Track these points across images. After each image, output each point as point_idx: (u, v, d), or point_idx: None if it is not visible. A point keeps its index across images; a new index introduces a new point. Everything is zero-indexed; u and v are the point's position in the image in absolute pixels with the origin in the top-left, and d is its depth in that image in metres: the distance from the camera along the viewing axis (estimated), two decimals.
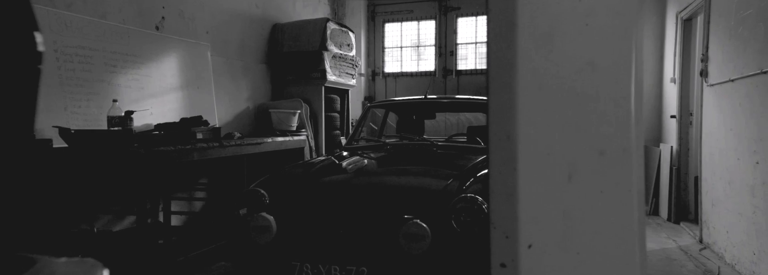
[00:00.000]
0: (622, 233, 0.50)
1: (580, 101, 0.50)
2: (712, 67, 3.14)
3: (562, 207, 0.50)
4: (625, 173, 0.51)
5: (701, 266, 2.89)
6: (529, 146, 0.49)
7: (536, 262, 0.49)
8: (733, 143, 2.68)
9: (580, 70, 0.50)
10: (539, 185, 0.50)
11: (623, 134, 0.51)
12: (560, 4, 0.49)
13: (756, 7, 2.35)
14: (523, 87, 0.49)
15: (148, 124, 3.15)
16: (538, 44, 0.49)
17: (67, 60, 2.58)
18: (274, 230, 1.80)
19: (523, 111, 0.49)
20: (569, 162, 0.50)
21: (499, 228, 0.50)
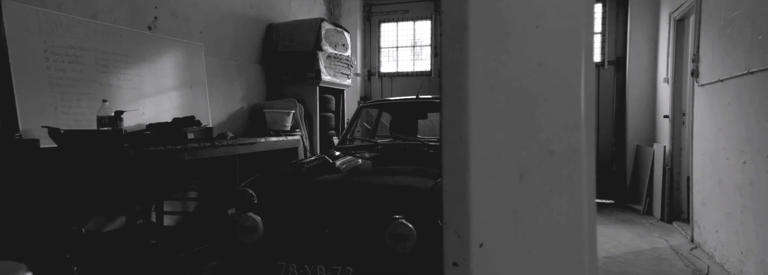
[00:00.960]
0: (572, 231, 0.51)
1: (531, 103, 0.51)
2: (702, 68, 3.15)
3: (513, 206, 0.50)
4: (575, 173, 0.51)
5: (691, 265, 2.90)
6: (481, 147, 0.50)
7: (487, 261, 0.50)
8: (723, 143, 2.69)
9: (531, 72, 0.51)
10: (490, 185, 0.50)
11: (573, 135, 0.51)
12: (511, 7, 0.50)
13: (744, 7, 2.36)
14: (474, 88, 0.50)
15: (141, 124, 3.16)
16: (490, 46, 0.50)
17: (57, 60, 2.58)
18: (260, 230, 1.80)
19: (475, 112, 0.50)
20: (520, 162, 0.50)
21: (451, 227, 0.51)
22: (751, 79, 2.24)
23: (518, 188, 0.51)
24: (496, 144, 0.50)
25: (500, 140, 0.50)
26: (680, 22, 4.17)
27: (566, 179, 0.51)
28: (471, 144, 0.50)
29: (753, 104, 2.23)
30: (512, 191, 0.51)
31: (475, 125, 0.50)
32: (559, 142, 0.51)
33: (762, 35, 2.11)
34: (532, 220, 0.51)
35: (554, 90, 0.51)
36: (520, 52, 0.50)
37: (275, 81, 4.83)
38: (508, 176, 0.51)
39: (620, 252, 3.25)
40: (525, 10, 0.50)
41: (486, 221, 0.50)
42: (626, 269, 2.87)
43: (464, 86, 0.50)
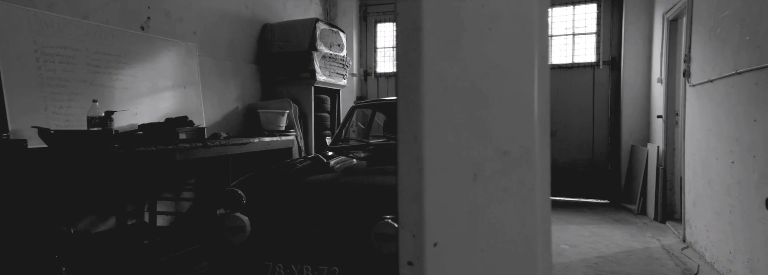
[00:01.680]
0: (525, 230, 0.52)
1: (485, 104, 0.51)
2: (694, 68, 3.16)
3: (467, 206, 0.51)
4: (528, 173, 0.52)
5: (681, 265, 2.91)
6: (435, 147, 0.51)
7: (441, 260, 0.51)
8: (713, 142, 2.70)
9: (484, 73, 0.51)
10: (445, 185, 0.51)
11: (526, 135, 0.52)
12: (464, 9, 0.50)
13: (732, 8, 2.37)
14: (428, 89, 0.50)
15: (134, 124, 3.16)
16: (444, 48, 0.51)
17: (47, 60, 2.58)
18: (248, 230, 1.81)
19: (429, 113, 0.50)
20: (474, 162, 0.51)
21: (406, 227, 0.51)
22: (739, 79, 2.25)
23: (472, 188, 0.51)
24: (450, 144, 0.51)
25: (454, 141, 0.51)
26: (673, 23, 4.19)
27: (520, 179, 0.52)
28: (425, 145, 0.50)
29: (741, 104, 2.24)
30: (466, 191, 0.51)
31: (429, 126, 0.51)
32: (512, 142, 0.52)
33: (749, 36, 2.12)
34: (485, 220, 0.52)
35: (508, 91, 0.52)
36: (474, 54, 0.51)
37: (270, 81, 4.83)
38: (462, 176, 0.51)
39: (612, 251, 3.26)
40: (478, 12, 0.51)
41: (440, 220, 0.51)
42: (617, 268, 2.87)
43: (418, 87, 0.50)
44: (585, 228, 3.96)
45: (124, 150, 2.33)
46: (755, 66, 2.04)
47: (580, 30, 5.61)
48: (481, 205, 0.51)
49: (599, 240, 3.58)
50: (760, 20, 2.00)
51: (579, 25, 5.62)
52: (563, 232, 3.82)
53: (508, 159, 0.52)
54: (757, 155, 2.04)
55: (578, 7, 5.58)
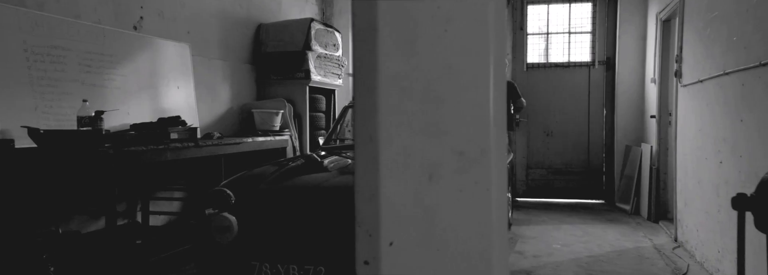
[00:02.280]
0: (480, 229, 0.52)
1: (440, 104, 0.52)
2: (685, 68, 3.17)
3: (423, 205, 0.52)
4: (483, 173, 0.52)
5: (672, 264, 2.92)
6: (391, 148, 0.51)
7: (397, 259, 0.51)
8: (702, 142, 2.71)
9: (440, 74, 0.52)
10: (401, 185, 0.51)
11: (482, 136, 0.52)
12: (420, 11, 0.51)
13: (720, 9, 2.38)
14: (384, 90, 0.51)
15: (126, 124, 3.16)
16: (399, 49, 0.51)
17: (37, 60, 2.58)
18: (235, 230, 1.81)
19: (385, 113, 0.51)
20: (430, 163, 0.52)
21: (362, 226, 0.52)
22: (727, 79, 2.26)
23: (428, 187, 0.52)
24: (406, 145, 0.51)
25: (410, 141, 0.51)
26: (666, 23, 4.20)
27: (475, 179, 0.52)
28: (381, 145, 0.51)
29: (728, 105, 2.25)
30: (422, 190, 0.52)
31: (384, 126, 0.51)
32: (468, 142, 0.52)
33: (736, 36, 2.13)
34: (441, 219, 0.52)
35: (463, 92, 0.52)
36: (429, 54, 0.51)
37: (265, 81, 4.84)
38: (417, 176, 0.52)
39: (603, 251, 3.27)
40: (433, 14, 0.51)
41: (396, 220, 0.51)
42: (607, 268, 2.88)
43: (374, 88, 0.51)
44: (578, 228, 3.97)
45: (114, 150, 2.33)
46: (742, 66, 2.05)
47: (576, 29, 5.60)
48: (437, 205, 0.52)
49: (592, 239, 3.59)
50: (746, 21, 2.01)
51: (575, 24, 5.61)
52: (556, 232, 3.83)
53: (464, 159, 0.52)
54: (743, 155, 2.05)
55: (574, 6, 5.56)
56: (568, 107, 5.50)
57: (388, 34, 0.51)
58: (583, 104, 5.49)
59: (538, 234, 3.77)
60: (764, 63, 1.81)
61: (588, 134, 5.49)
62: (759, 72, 1.88)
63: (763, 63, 1.81)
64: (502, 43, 0.54)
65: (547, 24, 5.67)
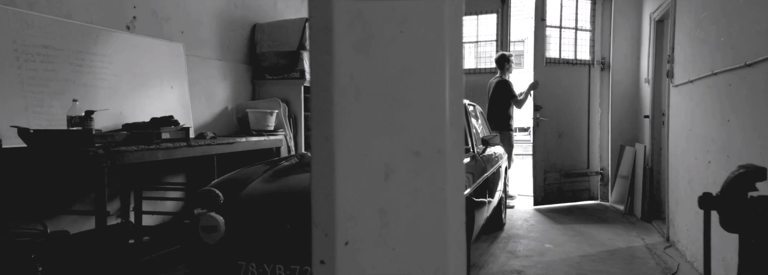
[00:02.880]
0: (435, 228, 0.53)
1: (396, 105, 0.52)
2: (677, 69, 3.18)
3: (379, 205, 0.52)
4: (439, 173, 0.53)
5: (662, 263, 2.93)
6: (347, 148, 0.51)
7: (352, 258, 0.52)
8: (692, 142, 2.72)
9: (395, 75, 0.52)
10: (356, 185, 0.52)
11: (438, 136, 0.53)
12: (375, 12, 0.51)
13: (710, 9, 2.38)
14: (340, 90, 0.51)
15: (118, 124, 3.16)
16: (355, 49, 0.51)
17: (28, 60, 2.58)
18: (222, 230, 1.82)
19: (340, 114, 0.51)
20: (386, 163, 0.52)
21: (319, 226, 0.52)
22: (715, 80, 2.27)
23: (384, 187, 0.52)
24: (362, 145, 0.52)
25: (366, 141, 0.52)
26: (660, 23, 4.21)
27: (431, 179, 0.53)
28: (337, 145, 0.51)
29: (716, 105, 2.26)
30: (378, 190, 0.52)
31: (340, 126, 0.51)
32: (423, 143, 0.53)
33: (724, 37, 2.13)
34: (397, 219, 0.52)
35: (419, 93, 0.53)
36: (385, 55, 0.52)
37: (261, 81, 4.84)
38: (373, 176, 0.52)
39: (595, 250, 3.27)
40: (389, 15, 0.52)
41: (351, 220, 0.52)
42: (598, 267, 2.89)
43: (330, 88, 0.51)
44: (571, 228, 3.97)
45: (103, 150, 2.33)
46: (728, 67, 2.06)
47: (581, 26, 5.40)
48: (393, 204, 0.52)
49: (584, 239, 3.60)
50: (733, 22, 2.02)
51: (582, 20, 5.38)
52: (550, 232, 3.84)
53: (420, 160, 0.53)
54: (730, 155, 2.05)
55: (581, 1, 5.38)
56: (574, 107, 5.37)
57: (343, 34, 0.51)
58: (584, 104, 5.43)
59: (530, 234, 3.77)
60: (749, 64, 1.81)
61: (588, 135, 5.47)
62: (744, 73, 1.88)
63: (748, 64, 1.82)
64: (458, 44, 0.54)
65: (559, 17, 5.27)
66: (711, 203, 0.75)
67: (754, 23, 1.79)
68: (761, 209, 0.71)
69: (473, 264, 2.91)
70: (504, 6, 5.84)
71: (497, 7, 5.87)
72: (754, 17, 1.80)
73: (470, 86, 5.99)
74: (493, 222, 3.74)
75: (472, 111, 3.26)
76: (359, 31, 0.51)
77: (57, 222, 2.74)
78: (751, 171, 0.74)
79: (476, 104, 3.87)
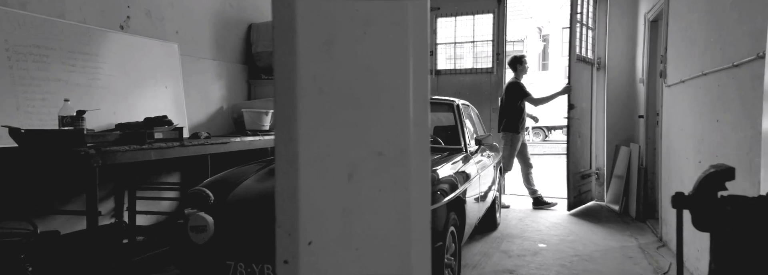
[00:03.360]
0: (399, 228, 0.53)
1: (360, 105, 0.52)
2: (669, 69, 3.19)
3: (342, 205, 0.52)
4: (402, 173, 0.53)
5: (654, 263, 2.94)
6: (311, 148, 0.52)
7: (316, 258, 0.52)
8: (684, 142, 2.73)
9: (359, 76, 0.52)
10: (320, 185, 0.52)
11: (401, 137, 0.53)
12: (339, 14, 0.51)
13: (700, 10, 2.39)
14: (303, 91, 0.51)
15: (111, 124, 3.15)
16: (319, 50, 0.52)
17: (19, 59, 2.58)
18: (211, 230, 1.82)
19: (304, 114, 0.51)
20: (349, 163, 0.52)
21: (282, 226, 0.52)
22: (705, 80, 2.27)
23: (347, 187, 0.52)
24: (326, 145, 0.52)
25: (329, 141, 0.52)
26: (654, 23, 4.21)
27: (394, 179, 0.53)
28: (300, 145, 0.52)
29: (706, 105, 2.26)
30: (341, 190, 0.52)
31: (304, 127, 0.52)
32: (387, 143, 0.53)
33: (713, 38, 2.14)
34: (360, 219, 0.53)
35: (383, 93, 0.53)
36: (348, 57, 0.52)
37: (257, 81, 4.84)
38: (337, 176, 0.52)
39: (588, 250, 3.28)
40: (352, 17, 0.52)
41: (315, 220, 0.52)
42: (590, 267, 2.90)
43: (293, 88, 0.52)
44: (565, 228, 3.98)
45: (95, 150, 2.33)
46: (717, 68, 2.06)
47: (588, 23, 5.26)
48: (356, 204, 0.53)
49: (577, 238, 3.60)
50: (722, 22, 2.02)
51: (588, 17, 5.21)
52: (544, 232, 3.84)
53: (383, 160, 0.53)
54: (719, 155, 2.06)
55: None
56: (581, 107, 5.26)
57: (306, 35, 0.51)
58: (588, 104, 5.36)
59: (524, 233, 3.78)
60: (736, 64, 1.82)
61: (591, 135, 5.43)
62: (733, 73, 1.89)
63: (736, 64, 1.82)
64: (423, 44, 0.55)
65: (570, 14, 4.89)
66: (683, 202, 0.75)
67: (740, 24, 1.80)
68: (730, 208, 0.72)
69: (466, 264, 2.91)
70: (500, 6, 5.84)
71: (493, 7, 5.87)
72: (740, 18, 1.80)
73: (467, 85, 5.99)
74: (487, 222, 3.75)
75: (465, 111, 3.26)
76: (323, 32, 0.52)
77: (49, 222, 2.74)
78: (720, 171, 0.75)
79: (470, 104, 3.87)
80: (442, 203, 1.96)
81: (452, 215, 2.10)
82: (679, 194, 0.78)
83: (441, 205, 1.94)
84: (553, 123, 16.83)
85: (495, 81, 5.80)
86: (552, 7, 23.13)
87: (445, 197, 2.01)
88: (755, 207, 0.73)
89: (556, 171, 8.16)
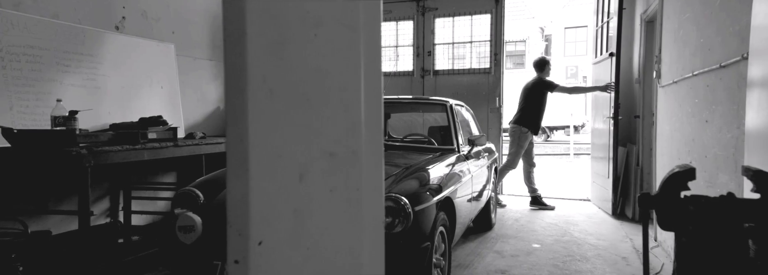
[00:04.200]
0: (351, 228, 0.54)
1: (310, 106, 0.53)
2: (664, 69, 3.18)
3: (293, 205, 0.53)
4: (353, 174, 0.54)
5: None
6: (261, 149, 0.52)
7: (266, 258, 0.52)
8: (677, 143, 2.72)
9: (310, 77, 0.53)
10: (271, 186, 0.52)
11: (353, 137, 0.54)
12: (288, 15, 0.52)
13: (691, 10, 2.39)
14: (253, 92, 0.52)
15: (106, 124, 3.17)
16: (269, 52, 0.52)
17: (13, 60, 2.59)
18: (199, 230, 1.82)
19: (255, 115, 0.52)
20: (300, 163, 0.53)
21: (234, 226, 0.53)
22: (695, 80, 2.27)
23: (298, 188, 0.53)
24: (277, 146, 0.52)
25: (280, 142, 0.53)
26: (650, 24, 4.21)
27: (346, 179, 0.54)
28: (251, 146, 0.52)
29: (696, 106, 2.26)
30: (292, 191, 0.53)
31: (254, 128, 0.52)
32: (338, 144, 0.53)
33: (703, 38, 2.14)
34: (311, 219, 0.53)
35: (333, 95, 0.53)
36: (299, 58, 0.53)
37: None
38: (288, 177, 0.53)
39: (582, 250, 3.28)
40: (303, 19, 0.52)
41: (265, 220, 0.52)
42: (582, 267, 2.90)
43: (244, 90, 0.52)
44: (560, 228, 3.98)
45: (87, 150, 2.34)
46: (706, 68, 2.06)
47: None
48: (308, 205, 0.53)
49: (572, 239, 3.60)
50: (710, 23, 2.02)
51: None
52: (539, 232, 3.84)
53: (335, 160, 0.53)
54: (709, 155, 2.06)
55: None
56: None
57: (256, 37, 0.52)
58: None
59: (520, 234, 3.78)
60: (723, 65, 1.82)
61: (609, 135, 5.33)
62: (720, 74, 1.89)
63: (723, 65, 1.82)
64: (376, 46, 0.55)
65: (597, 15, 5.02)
66: (648, 202, 0.76)
67: (728, 25, 1.80)
68: (692, 208, 0.72)
69: (458, 264, 2.91)
70: (498, 6, 5.84)
71: (491, 7, 5.87)
72: (728, 18, 1.80)
73: (465, 86, 5.99)
74: (482, 222, 3.75)
75: (459, 111, 3.26)
76: (273, 34, 0.52)
77: (44, 222, 2.75)
78: (683, 171, 0.75)
79: (464, 104, 3.87)
80: (431, 203, 1.96)
81: (442, 215, 2.10)
82: (645, 194, 0.78)
83: (429, 205, 1.94)
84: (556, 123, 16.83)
85: (492, 81, 5.81)
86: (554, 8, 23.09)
87: (433, 197, 2.01)
88: (715, 206, 0.73)
89: (561, 173, 8.16)
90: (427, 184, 2.10)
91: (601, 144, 4.96)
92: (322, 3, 0.52)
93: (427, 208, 1.91)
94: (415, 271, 1.79)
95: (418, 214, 1.82)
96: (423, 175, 2.20)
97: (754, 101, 1.34)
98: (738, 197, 0.72)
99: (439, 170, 2.38)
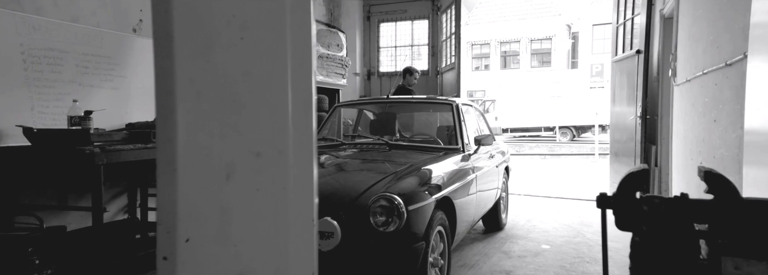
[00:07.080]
0: (277, 226, 0.55)
1: (237, 107, 0.54)
2: (679, 67, 3.08)
3: (220, 204, 0.54)
4: (280, 173, 0.55)
5: None
6: (189, 149, 0.54)
7: (193, 255, 0.54)
8: (689, 143, 2.64)
9: (237, 79, 0.54)
10: (198, 185, 0.54)
11: (280, 137, 0.55)
12: (215, 19, 0.54)
13: (703, 7, 2.31)
14: (181, 93, 0.54)
15: (123, 123, 3.28)
16: (196, 55, 0.54)
17: (34, 62, 2.71)
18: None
19: (182, 116, 0.54)
20: (227, 163, 0.54)
21: (163, 224, 0.55)
22: (705, 79, 2.19)
23: (225, 187, 0.55)
24: (204, 146, 0.54)
25: (208, 143, 0.54)
26: (669, 20, 4.08)
27: (272, 179, 0.55)
28: (179, 146, 0.54)
29: (705, 105, 2.18)
30: (219, 190, 0.55)
31: (182, 128, 0.54)
32: (264, 144, 0.55)
33: (713, 35, 2.06)
34: (238, 217, 0.55)
35: (260, 96, 0.55)
36: (225, 61, 0.54)
37: None
38: (215, 176, 0.55)
39: (592, 252, 3.21)
40: (229, 22, 0.54)
41: (192, 218, 0.54)
42: (590, 269, 2.84)
43: (172, 91, 0.54)
44: (572, 228, 3.90)
45: (100, 148, 2.43)
46: (715, 66, 1.99)
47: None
48: (234, 203, 0.55)
49: (584, 240, 3.53)
50: (719, 20, 1.95)
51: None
52: (551, 233, 3.78)
53: (261, 160, 0.55)
54: (716, 155, 1.99)
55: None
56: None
57: (183, 40, 0.54)
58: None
59: (530, 234, 3.72)
60: (730, 63, 1.75)
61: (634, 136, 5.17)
62: (727, 72, 1.82)
63: (729, 63, 1.75)
64: (306, 48, 0.56)
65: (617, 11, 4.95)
66: (606, 202, 0.75)
67: (735, 21, 1.73)
68: (646, 208, 0.71)
69: (463, 264, 2.90)
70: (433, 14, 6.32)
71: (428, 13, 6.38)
72: (736, 15, 1.74)
73: None
74: (492, 223, 3.71)
75: (466, 111, 3.24)
76: (200, 37, 0.54)
77: (63, 218, 2.87)
78: (638, 172, 0.74)
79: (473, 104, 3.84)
80: (427, 202, 1.96)
81: (440, 214, 2.10)
82: (602, 195, 0.77)
83: (425, 204, 1.94)
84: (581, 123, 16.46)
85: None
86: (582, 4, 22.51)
87: (431, 196, 2.01)
88: (668, 206, 0.71)
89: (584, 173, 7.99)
90: (426, 183, 2.10)
91: (620, 143, 4.84)
92: (247, 7, 0.54)
93: (423, 207, 1.91)
94: (408, 271, 1.80)
95: (412, 213, 1.82)
96: (423, 174, 2.20)
97: (752, 99, 1.29)
98: (691, 198, 0.70)
99: (441, 169, 2.38)
